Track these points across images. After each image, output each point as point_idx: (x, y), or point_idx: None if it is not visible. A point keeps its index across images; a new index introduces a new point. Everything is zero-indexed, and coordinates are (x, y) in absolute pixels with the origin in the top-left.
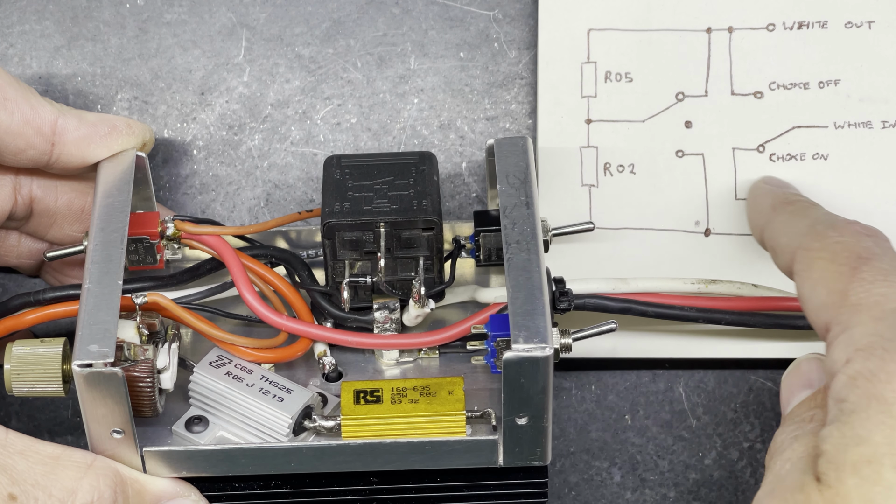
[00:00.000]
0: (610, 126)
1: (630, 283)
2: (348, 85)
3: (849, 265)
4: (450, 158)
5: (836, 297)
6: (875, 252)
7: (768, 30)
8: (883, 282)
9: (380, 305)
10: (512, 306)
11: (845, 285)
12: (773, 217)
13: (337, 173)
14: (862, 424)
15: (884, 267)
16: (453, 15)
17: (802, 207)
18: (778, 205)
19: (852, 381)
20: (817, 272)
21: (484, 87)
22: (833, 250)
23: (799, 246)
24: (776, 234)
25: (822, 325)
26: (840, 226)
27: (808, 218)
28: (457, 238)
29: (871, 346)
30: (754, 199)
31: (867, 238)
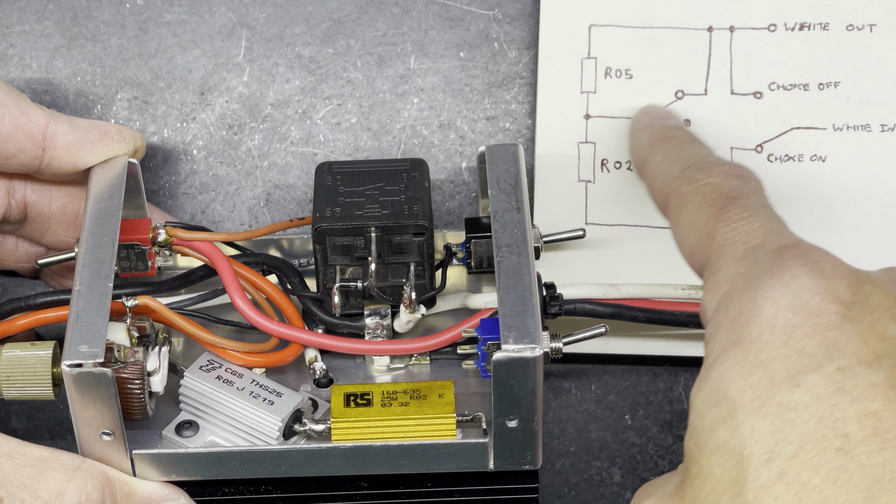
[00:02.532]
0: (608, 122)
1: (621, 288)
2: (348, 85)
3: (716, 206)
4: (450, 158)
5: (705, 239)
6: (742, 191)
7: (769, 30)
8: (749, 218)
9: (371, 311)
10: (502, 308)
11: (712, 227)
12: (650, 155)
13: (328, 179)
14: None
15: (749, 203)
16: (453, 15)
17: (676, 146)
18: (654, 141)
19: (715, 332)
20: (687, 216)
21: (484, 86)
22: (702, 192)
23: (671, 191)
24: (651, 176)
25: (698, 269)
26: (709, 167)
27: (680, 159)
28: (448, 245)
29: (732, 290)
30: (632, 134)
31: (735, 178)
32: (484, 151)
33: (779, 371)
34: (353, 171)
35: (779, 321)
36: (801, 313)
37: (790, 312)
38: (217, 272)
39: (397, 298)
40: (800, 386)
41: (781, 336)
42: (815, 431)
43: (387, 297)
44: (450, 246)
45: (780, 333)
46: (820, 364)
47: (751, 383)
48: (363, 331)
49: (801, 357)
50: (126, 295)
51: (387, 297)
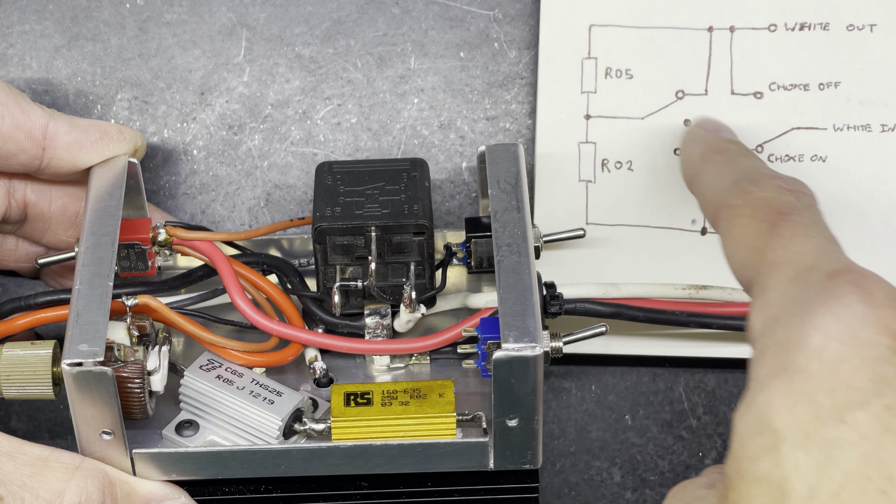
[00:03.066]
0: (609, 122)
1: (621, 288)
2: (348, 85)
3: (768, 221)
4: (450, 158)
5: (756, 254)
6: (796, 207)
7: (770, 30)
8: (801, 237)
9: (371, 311)
10: (502, 307)
11: (764, 243)
12: (701, 167)
13: (328, 179)
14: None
15: (803, 221)
16: (453, 15)
17: (729, 158)
18: (707, 153)
19: (762, 355)
20: (738, 229)
21: (484, 87)
22: (754, 206)
23: (722, 203)
24: (702, 188)
25: (746, 284)
26: (762, 181)
27: (733, 171)
28: (448, 245)
29: (781, 313)
30: (686, 146)
31: (788, 193)
32: (484, 151)
33: (825, 405)
34: (354, 170)
35: (828, 352)
36: (850, 345)
37: (839, 343)
38: (217, 272)
39: (397, 298)
40: (846, 422)
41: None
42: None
43: (387, 296)
44: (450, 245)
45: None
46: (867, 400)
47: (796, 415)
48: (363, 330)
49: (849, 391)
50: (126, 294)
51: (387, 296)
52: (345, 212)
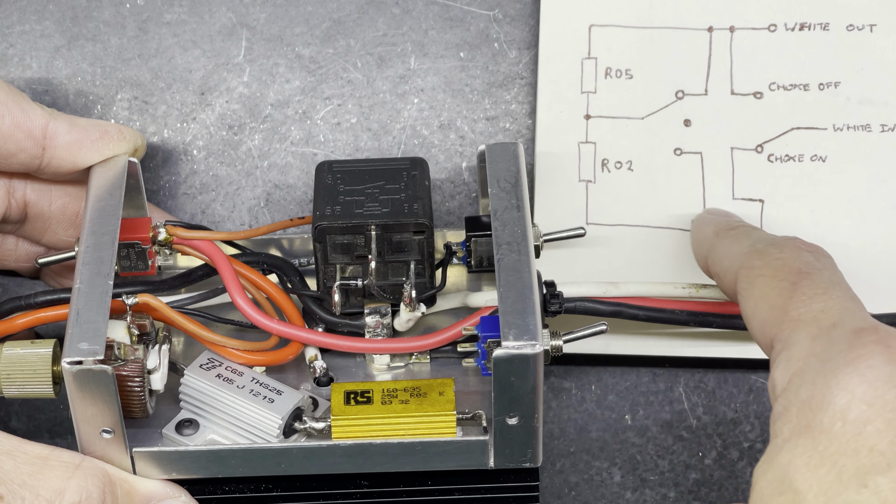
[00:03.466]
0: (609, 122)
1: (621, 286)
2: (348, 85)
3: (789, 280)
4: (450, 158)
5: (777, 313)
6: (815, 266)
7: (769, 30)
8: (822, 296)
9: (371, 310)
10: (502, 306)
11: (785, 301)
12: (716, 242)
13: (328, 178)
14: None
15: (823, 281)
16: (453, 15)
17: (744, 231)
18: (720, 231)
19: (785, 411)
20: (759, 290)
21: (484, 87)
22: (774, 267)
23: (741, 266)
24: (719, 258)
25: (766, 343)
26: (780, 243)
27: (749, 239)
28: (448, 244)
29: (805, 370)
30: (697, 229)
31: (807, 253)
32: (484, 150)
33: (847, 467)
34: (354, 169)
35: (852, 413)
36: (875, 406)
37: (864, 404)
38: (217, 271)
39: (397, 297)
40: (867, 486)
41: (853, 429)
42: None
43: (387, 295)
44: (450, 245)
45: (852, 426)
46: (890, 465)
47: (818, 477)
48: (363, 329)
49: (872, 455)
50: (126, 293)
51: (387, 295)
52: (345, 211)
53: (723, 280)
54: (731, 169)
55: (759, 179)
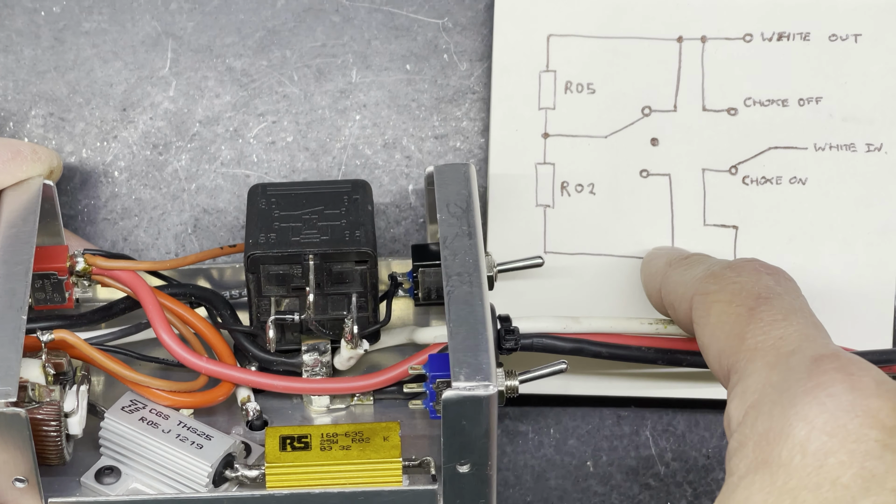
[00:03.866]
0: (569, 141)
1: (582, 321)
2: (284, 100)
3: (746, 306)
4: (395, 180)
5: (734, 341)
6: (775, 291)
7: (745, 40)
8: (782, 322)
9: (309, 347)
10: (452, 343)
11: (743, 328)
12: (669, 272)
13: (262, 203)
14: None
15: (784, 306)
16: (399, 23)
17: (699, 259)
18: (673, 261)
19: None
20: (714, 317)
21: (432, 102)
22: (730, 291)
23: (696, 292)
24: (672, 287)
25: (724, 374)
26: (738, 266)
27: (703, 264)
28: (393, 275)
29: (762, 401)
30: (648, 264)
31: (767, 276)
32: (432, 172)
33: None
34: (290, 193)
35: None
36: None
37: (825, 435)
38: (140, 304)
39: (338, 333)
40: None
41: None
42: None
43: (326, 331)
44: (395, 275)
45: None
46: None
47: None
48: (300, 368)
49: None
50: (41, 329)
51: (326, 331)
52: (280, 238)
53: (677, 310)
54: (703, 192)
55: (732, 204)
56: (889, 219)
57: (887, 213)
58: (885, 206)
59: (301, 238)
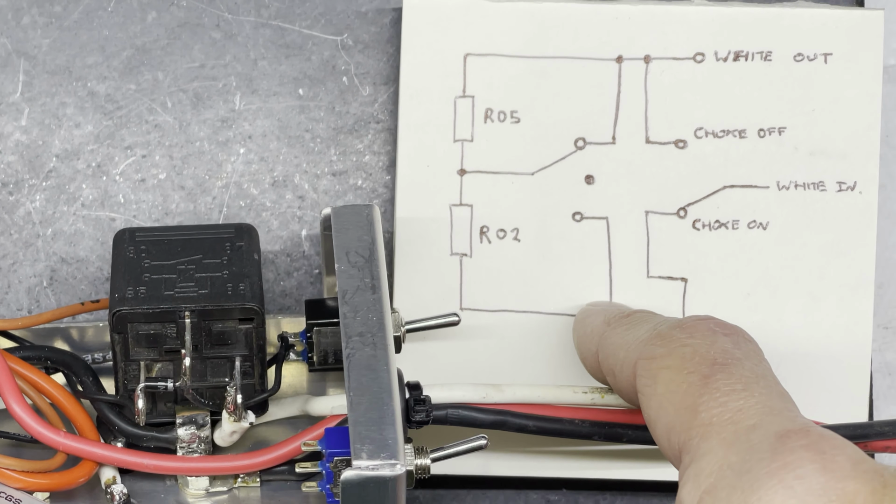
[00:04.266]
0: (489, 179)
1: (505, 390)
2: (156, 130)
3: (699, 373)
4: (286, 225)
5: (686, 415)
6: (733, 355)
7: (695, 61)
8: (741, 392)
9: (184, 419)
10: (353, 414)
11: (695, 399)
12: (608, 333)
13: (131, 251)
14: None
15: (744, 374)
16: (290, 41)
17: (642, 316)
18: (612, 319)
19: None
20: (662, 386)
21: (329, 133)
22: (681, 356)
23: (640, 356)
24: (612, 350)
25: (674, 453)
26: (689, 325)
27: (649, 322)
28: (284, 335)
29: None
30: (581, 323)
31: (724, 338)
32: (329, 214)
33: None
34: (163, 239)
35: None
36: None
37: None
38: None
39: (218, 403)
40: None
41: None
42: None
43: (205, 400)
44: (286, 336)
45: None
46: None
47: None
48: (175, 444)
49: None
50: None
51: (205, 400)
52: (151, 293)
53: (618, 378)
54: (646, 238)
55: (681, 252)
56: (863, 270)
57: (861, 262)
58: (858, 254)
59: (175, 292)
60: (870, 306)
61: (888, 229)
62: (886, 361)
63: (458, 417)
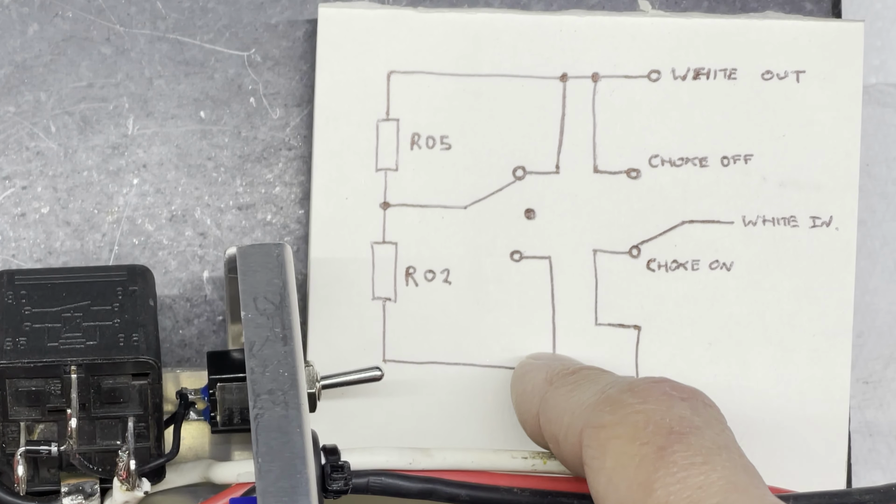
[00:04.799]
0: (416, 214)
1: (434, 455)
2: (38, 158)
3: (654, 444)
4: (185, 265)
5: (639, 493)
6: (692, 423)
7: (650, 79)
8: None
9: (70, 488)
10: (261, 483)
11: (649, 475)
12: (551, 394)
13: (9, 296)
14: None
15: (704, 444)
16: (190, 57)
17: (589, 375)
18: (555, 377)
19: None
20: (612, 458)
21: (235, 161)
22: (633, 423)
23: (587, 423)
24: (556, 415)
25: None
26: (642, 388)
27: (597, 384)
28: (183, 392)
29: None
30: (520, 379)
31: (681, 402)
32: (235, 255)
33: None
34: (45, 283)
35: None
36: None
37: None
38: None
39: (109, 469)
40: None
41: None
42: None
43: (94, 466)
44: (185, 392)
45: None
46: None
47: None
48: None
49: None
50: None
51: (94, 466)
52: (32, 344)
53: (562, 445)
54: (594, 281)
55: (634, 296)
56: (840, 316)
57: (838, 308)
58: (835, 299)
59: (60, 344)
60: (847, 358)
61: (868, 270)
62: (867, 420)
63: (382, 486)
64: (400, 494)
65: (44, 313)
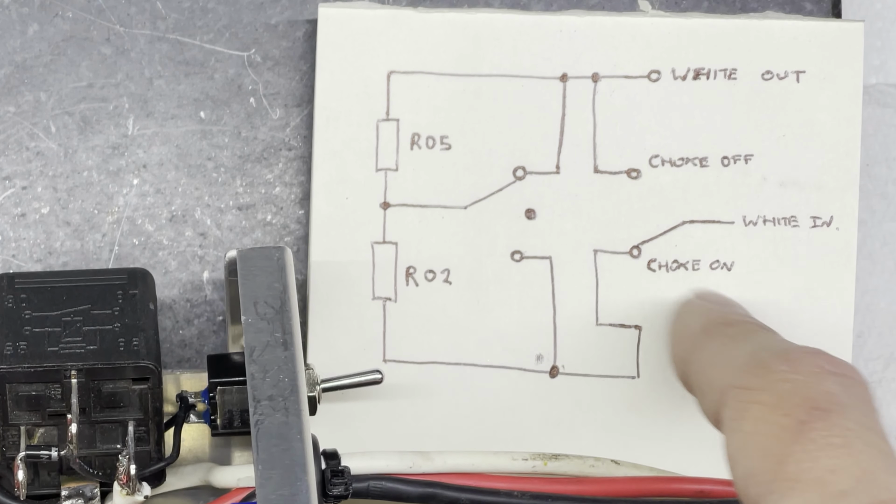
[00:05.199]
0: (416, 214)
1: (434, 458)
2: (38, 158)
3: (796, 417)
4: (185, 266)
5: (771, 463)
6: (839, 401)
7: (650, 79)
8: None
9: (70, 492)
10: (262, 490)
11: (785, 447)
12: (703, 342)
13: (9, 300)
14: None
15: (846, 425)
16: (191, 57)
17: (746, 330)
18: (711, 326)
19: None
20: (751, 423)
21: (235, 161)
22: (778, 392)
23: (732, 383)
24: (704, 366)
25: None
26: (796, 357)
27: (751, 342)
28: (183, 394)
29: None
30: (680, 320)
31: (831, 377)
32: (235, 258)
33: None
34: (45, 286)
35: None
36: None
37: None
38: None
39: (109, 473)
40: None
41: None
42: None
43: (94, 470)
44: (185, 395)
45: None
46: None
47: None
48: None
49: None
50: None
51: (94, 470)
52: (32, 349)
53: (705, 398)
54: (595, 281)
55: (635, 296)
56: (841, 316)
57: (838, 308)
58: (835, 299)
59: (60, 348)
60: (847, 358)
61: (868, 270)
62: None
63: (382, 490)
64: (400, 499)
65: (44, 317)
